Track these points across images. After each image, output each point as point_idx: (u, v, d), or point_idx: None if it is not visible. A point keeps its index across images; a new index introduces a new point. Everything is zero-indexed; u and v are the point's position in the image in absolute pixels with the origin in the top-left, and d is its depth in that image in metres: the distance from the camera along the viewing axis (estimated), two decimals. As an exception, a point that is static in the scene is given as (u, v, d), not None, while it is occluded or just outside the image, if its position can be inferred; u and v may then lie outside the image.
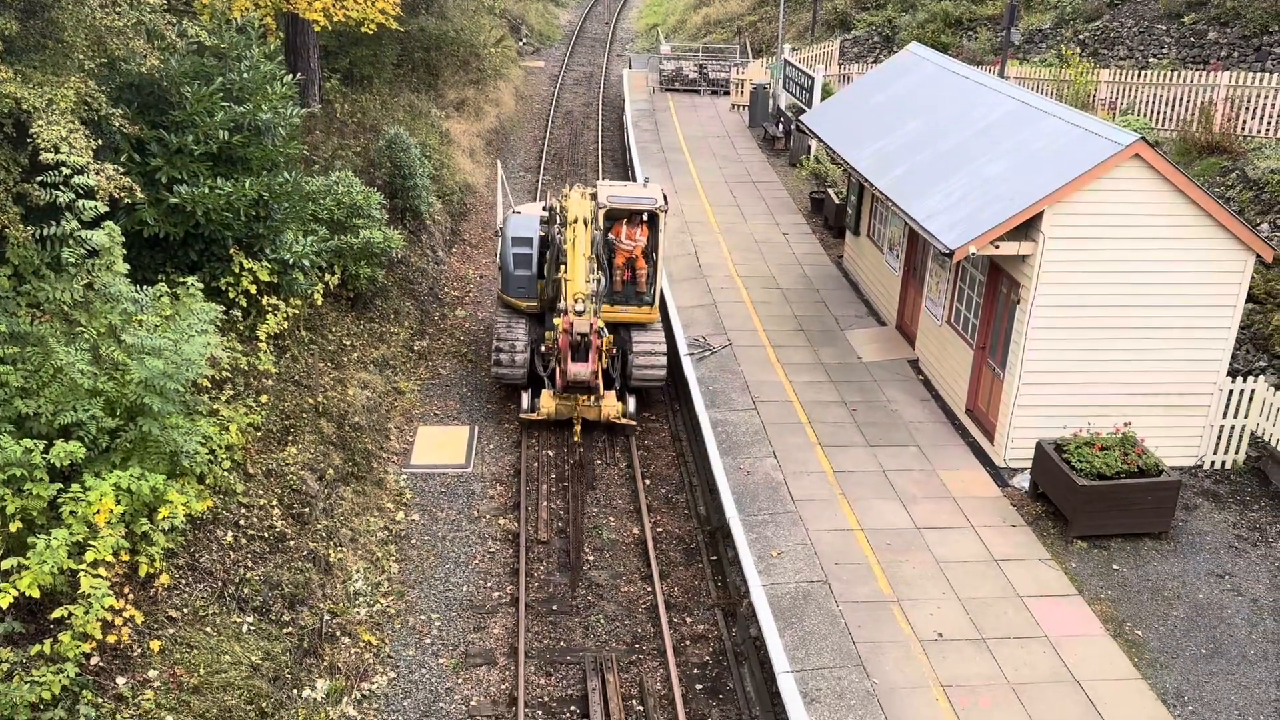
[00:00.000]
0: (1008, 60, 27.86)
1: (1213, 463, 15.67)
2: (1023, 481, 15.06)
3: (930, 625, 12.14)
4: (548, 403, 17.26)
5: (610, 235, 17.98)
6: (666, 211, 17.94)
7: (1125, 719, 10.86)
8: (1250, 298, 15.84)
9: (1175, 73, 23.44)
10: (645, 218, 18.04)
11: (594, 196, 17.46)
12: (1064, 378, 14.85)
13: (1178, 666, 11.67)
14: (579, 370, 13.67)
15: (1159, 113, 22.82)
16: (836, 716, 10.67)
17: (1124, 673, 11.52)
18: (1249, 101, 20.26)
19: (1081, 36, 30.47)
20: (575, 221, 15.79)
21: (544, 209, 18.61)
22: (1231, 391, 15.19)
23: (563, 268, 15.75)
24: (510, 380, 18.34)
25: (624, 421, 17.82)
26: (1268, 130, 19.81)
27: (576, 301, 14.44)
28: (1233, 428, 15.46)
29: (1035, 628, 12.16)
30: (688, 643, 13.81)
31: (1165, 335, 14.71)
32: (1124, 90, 24.33)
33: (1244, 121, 20.23)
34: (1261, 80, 20.22)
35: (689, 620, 14.23)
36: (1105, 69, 26.14)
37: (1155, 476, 13.76)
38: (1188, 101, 21.84)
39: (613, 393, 17.89)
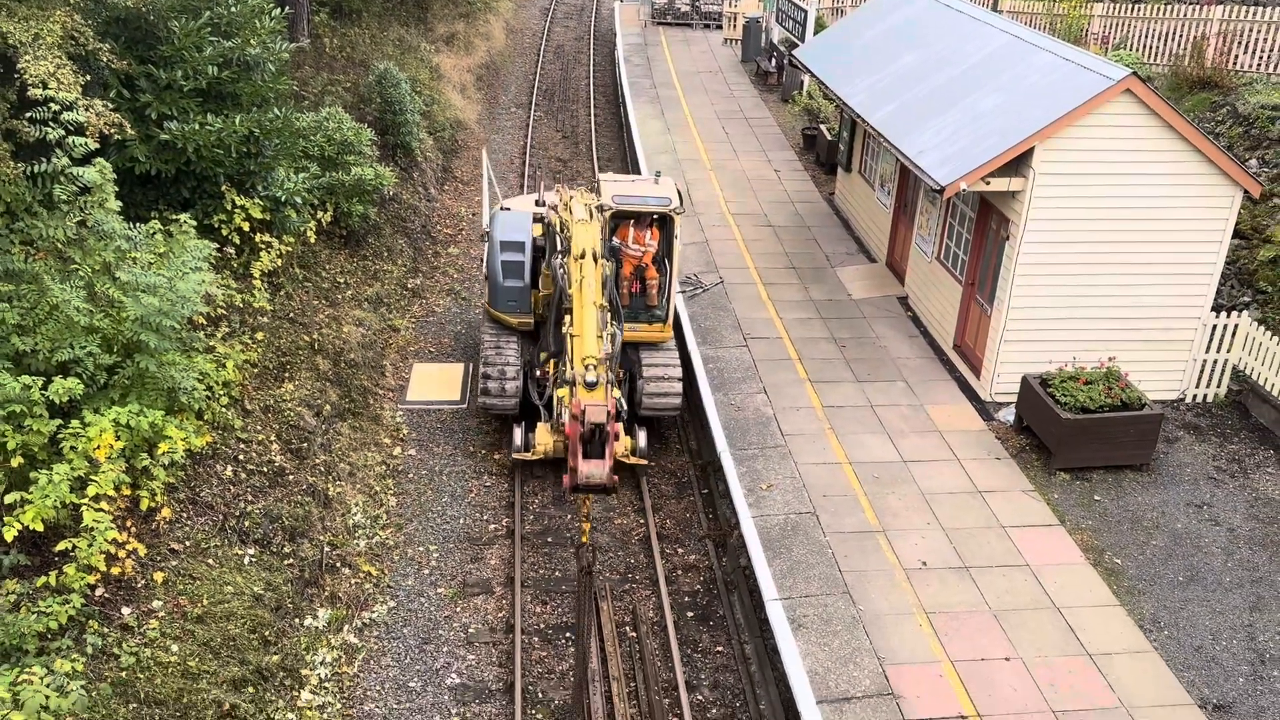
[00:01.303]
0: (1000, -4, 27.58)
1: (1195, 396, 15.85)
2: (1008, 416, 15.21)
3: (915, 554, 12.32)
4: (544, 438, 14.35)
5: (616, 239, 14.81)
6: (682, 213, 14.99)
7: (1103, 644, 11.08)
8: (1236, 233, 15.90)
9: (1169, 6, 23.23)
10: (656, 219, 15.15)
11: (598, 201, 14.22)
12: (1051, 313, 14.94)
13: (1155, 593, 11.89)
14: (593, 471, 8.70)
15: (1151, 47, 22.65)
16: (823, 642, 10.88)
17: (1103, 600, 11.73)
18: (1241, 36, 20.12)
19: (1075, -29, 30.09)
20: (583, 256, 11.32)
21: (537, 203, 15.81)
22: (1215, 326, 15.31)
23: (567, 318, 11.57)
24: (500, 411, 15.57)
25: (634, 461, 14.73)
26: (1260, 65, 19.69)
27: (587, 369, 9.57)
28: (1215, 362, 15.61)
29: (1017, 557, 12.35)
30: (679, 572, 14.06)
31: (1152, 271, 14.78)
32: (1117, 24, 24.11)
33: (1236, 56, 20.09)
34: (1255, 14, 20.07)
35: (680, 551, 14.47)
36: (1099, 2, 25.88)
37: (1138, 410, 13.92)
38: (1181, 35, 21.68)
39: (620, 425, 13.00)
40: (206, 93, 15.42)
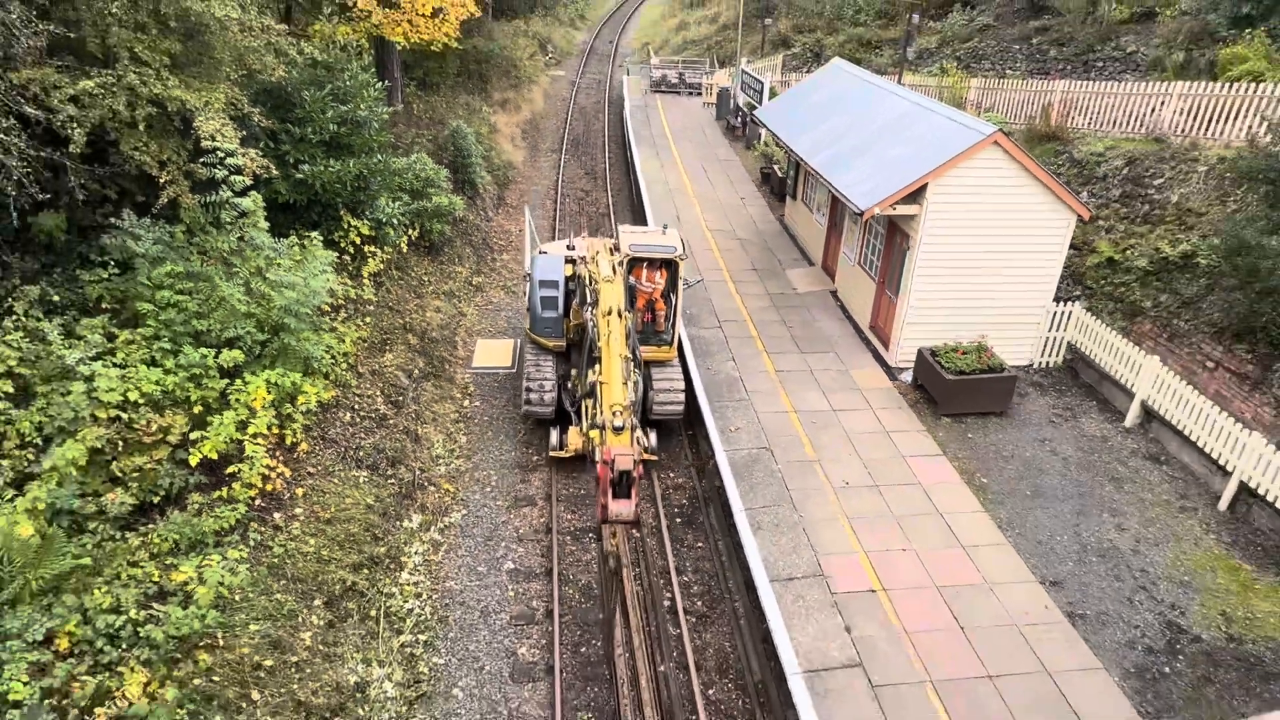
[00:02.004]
0: (904, 71, 27.46)
1: (1040, 363, 15.99)
2: (907, 377, 15.36)
3: (840, 477, 12.49)
4: (575, 440, 13.89)
5: (631, 278, 14.01)
6: (685, 259, 14.37)
7: (972, 539, 11.31)
8: (1071, 246, 16.01)
9: (1025, 81, 23.16)
10: (664, 262, 14.43)
11: (615, 249, 13.93)
12: (939, 303, 15.04)
13: (1009, 503, 12.11)
14: (621, 509, 7.82)
15: (1013, 110, 22.61)
16: (774, 539, 11.08)
17: (973, 507, 11.96)
18: (1077, 102, 20.11)
19: (958, 54, 29.93)
20: (610, 313, 10.15)
21: (568, 248, 14.97)
22: (1055, 313, 15.46)
23: (596, 367, 10.11)
24: (540, 415, 14.74)
25: (646, 457, 14.10)
26: (1089, 124, 19.73)
27: (615, 415, 8.51)
28: (1055, 339, 15.75)
29: (913, 478, 12.54)
30: (671, 491, 14.24)
31: (1011, 273, 14.89)
32: (988, 93, 24.03)
33: (1073, 118, 20.12)
34: (1086, 87, 20.05)
35: (672, 475, 14.63)
36: (975, 78, 25.75)
37: (999, 373, 14.09)
38: (1033, 102, 21.64)
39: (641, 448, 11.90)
40: (329, 144, 15.55)
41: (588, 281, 12.25)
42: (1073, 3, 26.67)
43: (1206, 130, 16.95)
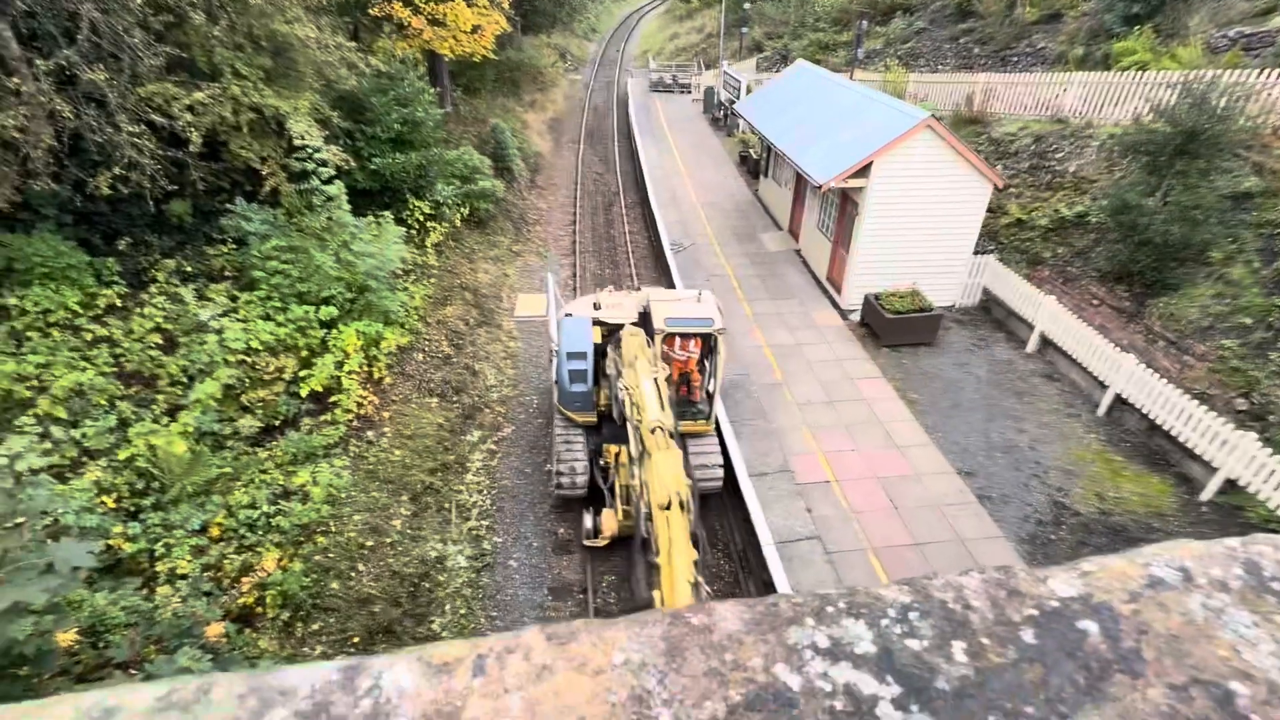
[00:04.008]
0: (855, 69, 26.40)
1: (961, 304, 15.76)
2: (856, 317, 15.17)
3: (802, 395, 12.49)
4: (610, 524, 9.84)
5: (664, 347, 10.28)
6: (724, 332, 9.93)
7: (905, 441, 11.36)
8: (988, 209, 15.67)
9: (953, 74, 22.26)
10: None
11: (644, 314, 10.33)
12: (881, 257, 14.76)
13: (934, 413, 12.11)
14: None
15: (943, 99, 21.80)
16: (752, 444, 11.15)
17: (905, 417, 11.98)
18: (995, 91, 19.36)
19: (899, 53, 28.67)
20: (668, 507, 6.23)
21: (595, 306, 10.88)
22: (974, 263, 15.23)
23: (657, 578, 6.25)
24: (571, 496, 10.58)
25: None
26: (1006, 109, 19.03)
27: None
28: (974, 284, 15.54)
29: (859, 395, 12.54)
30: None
31: (939, 232, 14.55)
32: (923, 86, 23.12)
33: (992, 104, 19.40)
34: (1003, 78, 19.25)
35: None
36: (913, 73, 24.77)
37: (928, 312, 13.96)
38: (960, 92, 20.84)
39: None
40: (394, 140, 15.17)
41: (624, 398, 8.17)
42: (993, 7, 25.38)
43: (1100, 112, 16.33)
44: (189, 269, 11.01)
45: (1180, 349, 11.77)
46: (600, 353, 10.40)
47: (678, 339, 10.36)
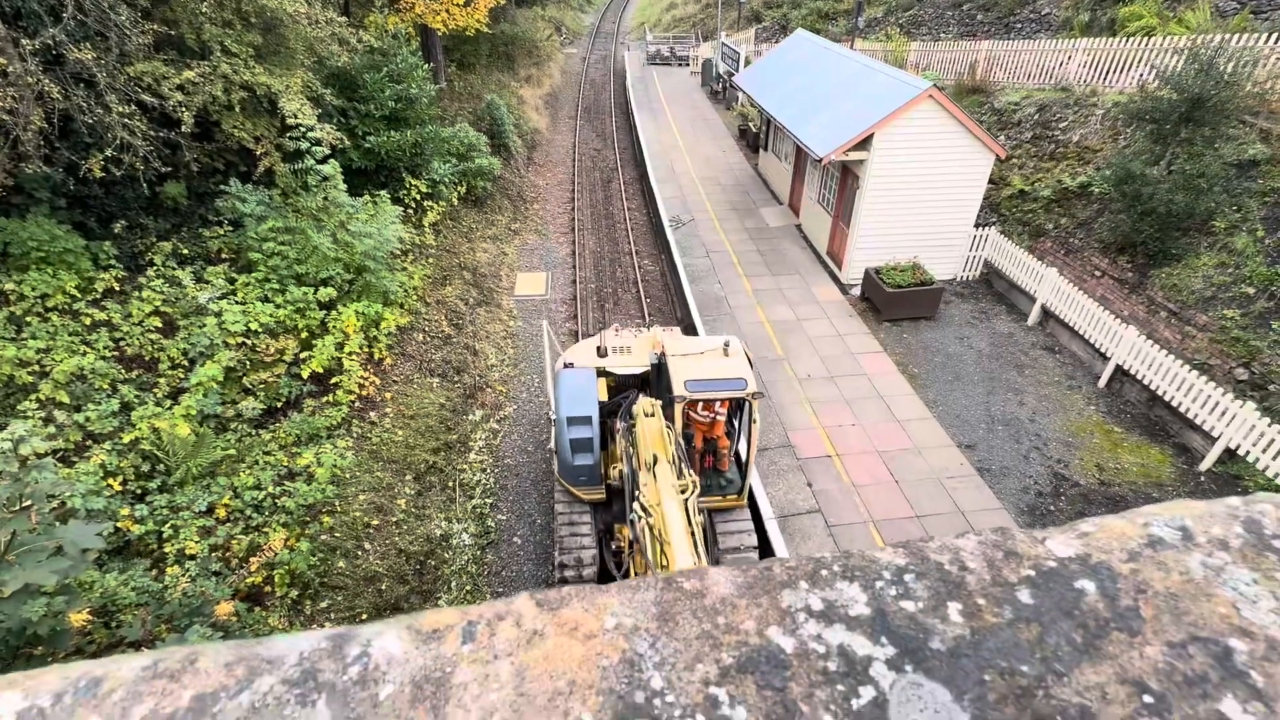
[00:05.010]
0: (856, 38, 25.91)
1: (962, 277, 15.74)
2: (856, 291, 15.14)
3: (804, 370, 12.49)
4: None
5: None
6: (761, 396, 8.28)
7: (905, 414, 11.38)
8: (990, 181, 15.51)
9: (955, 42, 21.85)
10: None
11: (658, 365, 8.34)
12: (882, 230, 14.64)
13: (935, 387, 12.12)
14: None
15: (945, 68, 21.43)
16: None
17: (906, 391, 11.99)
18: (999, 59, 19.01)
19: (900, 21, 28.13)
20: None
21: (599, 351, 9.18)
22: (975, 236, 15.10)
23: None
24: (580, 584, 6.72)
25: None
26: (1009, 78, 18.71)
27: None
28: (975, 257, 15.44)
29: (860, 370, 12.53)
30: (672, 385, 14.36)
31: (941, 204, 14.43)
32: (925, 55, 22.72)
33: (995, 73, 19.07)
34: (1006, 45, 18.89)
35: (672, 373, 14.71)
36: (914, 41, 24.32)
37: (929, 286, 13.88)
38: (963, 61, 20.48)
39: None
40: (389, 118, 14.93)
41: (645, 536, 6.22)
42: (997, -28, 24.80)
43: (1105, 79, 16.05)
44: (186, 251, 10.94)
45: (1182, 320, 11.72)
46: (609, 411, 8.60)
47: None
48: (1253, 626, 0.62)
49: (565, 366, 8.82)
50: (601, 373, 8.86)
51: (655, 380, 8.46)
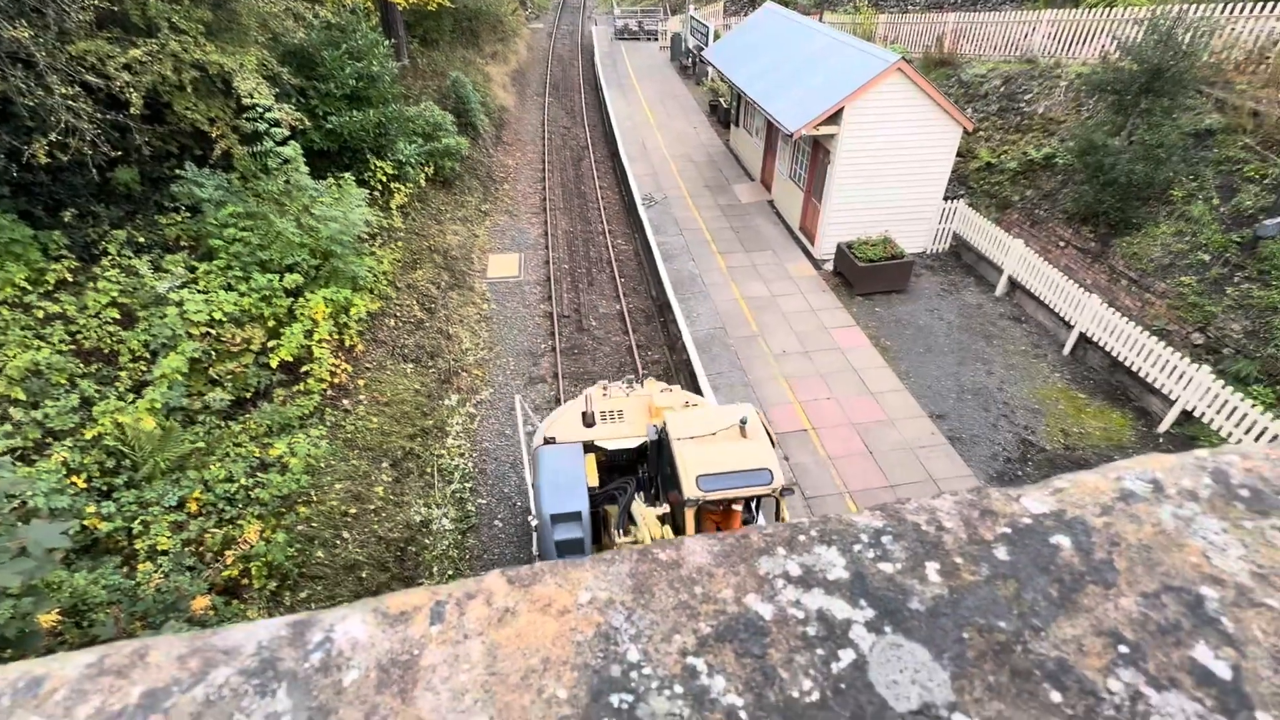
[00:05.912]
0: (825, 11, 25.77)
1: (932, 250, 15.93)
2: (829, 266, 15.25)
3: (778, 346, 12.59)
4: None
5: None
6: (792, 493, 6.15)
7: (878, 387, 11.57)
8: (958, 153, 15.65)
9: (923, 15, 21.86)
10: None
11: (661, 437, 6.76)
12: (853, 205, 14.70)
13: (907, 359, 12.31)
14: None
15: (913, 41, 21.47)
16: (729, 394, 11.22)
17: (879, 364, 12.15)
18: (966, 32, 19.09)
19: (869, -6, 28.07)
20: None
21: (585, 418, 7.58)
22: (944, 209, 15.27)
23: None
24: None
25: None
26: (975, 50, 18.82)
27: None
28: (944, 230, 15.64)
29: (834, 344, 12.67)
30: (647, 365, 14.31)
31: (910, 178, 14.54)
32: (893, 27, 22.72)
33: (962, 45, 19.16)
34: (973, 18, 18.97)
35: (650, 353, 14.62)
36: (882, 14, 24.27)
37: (900, 259, 14.04)
38: (930, 33, 20.53)
39: None
40: (350, 97, 14.45)
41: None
42: (963, -56, 24.77)
43: (1069, 51, 16.23)
44: (141, 240, 10.54)
45: (1142, 287, 12.04)
46: (601, 499, 7.13)
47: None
48: (1222, 574, 0.63)
49: (546, 442, 7.17)
50: (589, 446, 7.21)
51: (654, 457, 7.10)
